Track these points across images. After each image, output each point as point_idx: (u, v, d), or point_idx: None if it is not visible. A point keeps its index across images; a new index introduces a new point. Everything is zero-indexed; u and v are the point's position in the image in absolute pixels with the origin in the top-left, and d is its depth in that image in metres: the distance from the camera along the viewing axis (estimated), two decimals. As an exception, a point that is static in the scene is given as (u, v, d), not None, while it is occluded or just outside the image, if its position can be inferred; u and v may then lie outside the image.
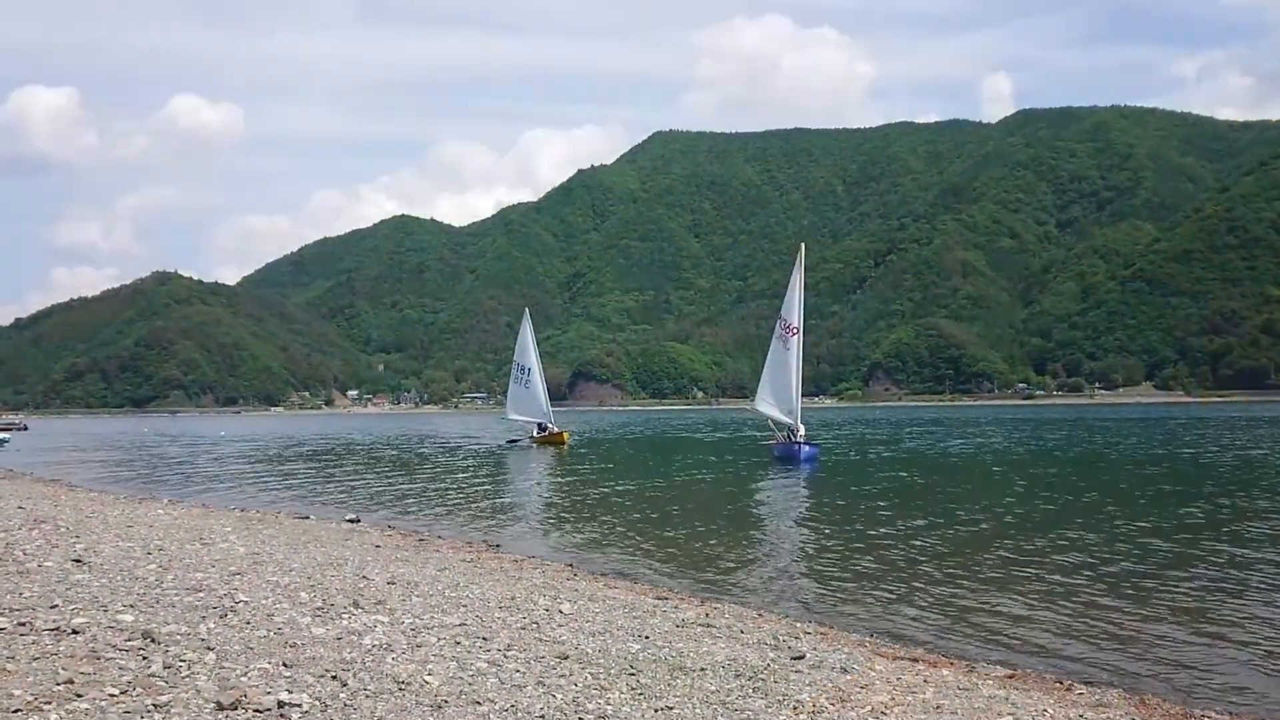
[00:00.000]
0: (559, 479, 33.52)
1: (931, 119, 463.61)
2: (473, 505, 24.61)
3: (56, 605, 7.92)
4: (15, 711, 5.08)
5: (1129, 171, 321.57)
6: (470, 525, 20.53)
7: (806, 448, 36.71)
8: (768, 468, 35.92)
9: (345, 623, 8.20)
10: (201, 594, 9.04)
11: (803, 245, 41.27)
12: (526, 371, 54.15)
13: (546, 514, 22.71)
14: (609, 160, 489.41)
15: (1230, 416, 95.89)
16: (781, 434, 38.52)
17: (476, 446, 57.33)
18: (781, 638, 9.51)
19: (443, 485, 31.00)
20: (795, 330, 38.18)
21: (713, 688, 6.98)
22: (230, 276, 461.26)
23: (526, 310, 57.48)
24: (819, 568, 14.73)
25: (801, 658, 8.41)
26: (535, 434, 53.67)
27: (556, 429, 53.48)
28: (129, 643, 6.73)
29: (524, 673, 6.93)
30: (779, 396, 38.88)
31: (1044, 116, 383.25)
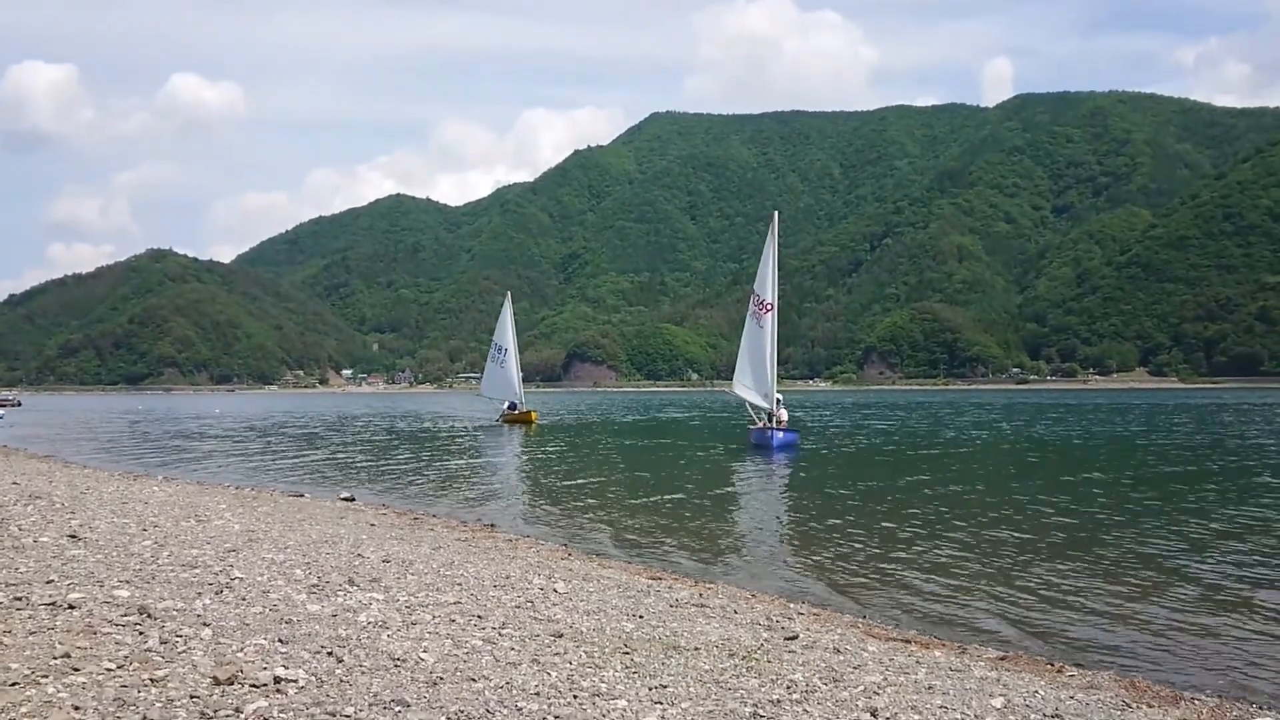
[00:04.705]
0: (551, 460, 33.55)
1: (929, 103, 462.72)
2: (467, 484, 24.63)
3: (52, 580, 7.92)
4: (12, 685, 5.09)
5: (1126, 157, 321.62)
6: (465, 504, 20.56)
7: (780, 435, 34.26)
8: (752, 451, 34.89)
9: (340, 600, 8.21)
10: (197, 570, 9.05)
11: (775, 213, 37.64)
12: (504, 352, 56.21)
13: (541, 494, 22.73)
14: (609, 142, 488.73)
15: (1200, 404, 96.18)
16: (761, 419, 36.23)
17: (464, 425, 57.78)
18: (775, 618, 9.56)
19: (436, 464, 31.01)
20: (769, 307, 35.11)
21: (707, 666, 7.01)
22: (226, 255, 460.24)
23: (509, 292, 59.26)
24: (812, 550, 14.78)
25: (795, 638, 8.45)
26: (505, 411, 56.12)
27: (526, 408, 56.19)
28: (125, 618, 6.74)
29: (519, 650, 6.96)
30: (756, 379, 36.03)
31: (1041, 101, 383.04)
